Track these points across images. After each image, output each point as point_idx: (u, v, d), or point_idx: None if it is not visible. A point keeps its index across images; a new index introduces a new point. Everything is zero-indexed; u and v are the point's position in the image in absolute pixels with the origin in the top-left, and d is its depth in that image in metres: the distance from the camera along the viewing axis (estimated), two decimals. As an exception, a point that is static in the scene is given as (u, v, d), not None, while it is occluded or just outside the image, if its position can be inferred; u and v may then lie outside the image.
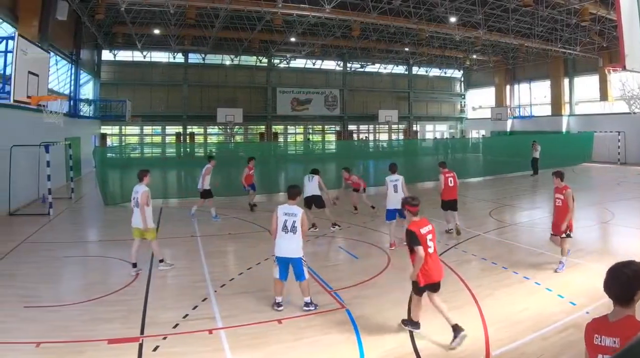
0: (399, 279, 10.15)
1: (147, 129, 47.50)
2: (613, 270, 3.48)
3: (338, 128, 54.13)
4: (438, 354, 6.83)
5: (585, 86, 44.19)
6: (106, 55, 43.25)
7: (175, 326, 7.80)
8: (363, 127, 55.73)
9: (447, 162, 15.88)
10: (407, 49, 46.32)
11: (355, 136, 54.18)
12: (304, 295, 8.51)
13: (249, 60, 49.26)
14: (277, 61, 49.73)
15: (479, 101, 57.33)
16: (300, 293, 8.54)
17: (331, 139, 53.63)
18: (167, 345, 7.15)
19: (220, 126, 48.21)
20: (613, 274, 3.46)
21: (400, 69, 56.47)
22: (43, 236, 14.79)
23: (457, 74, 59.61)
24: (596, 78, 41.64)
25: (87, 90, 37.66)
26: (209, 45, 41.06)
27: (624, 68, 12.24)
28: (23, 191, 19.23)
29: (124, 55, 44.62)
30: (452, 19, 33.90)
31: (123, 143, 44.85)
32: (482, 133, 53.71)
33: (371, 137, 55.31)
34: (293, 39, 40.68)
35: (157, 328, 7.73)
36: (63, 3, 24.69)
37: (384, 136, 56.31)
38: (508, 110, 50.47)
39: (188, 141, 46.36)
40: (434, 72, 57.91)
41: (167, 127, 47.60)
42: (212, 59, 48.12)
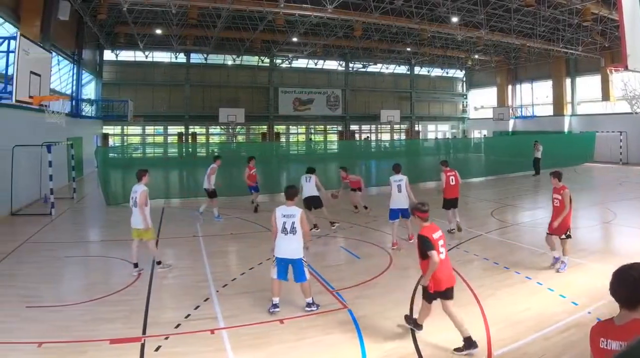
0: (401, 279, 10.17)
1: (149, 129, 47.50)
2: (619, 272, 3.37)
3: (340, 128, 54.08)
4: (440, 354, 6.83)
5: (587, 86, 44.13)
6: (108, 55, 43.25)
7: (177, 326, 7.80)
8: (365, 127, 55.67)
9: (449, 162, 15.87)
10: (409, 49, 46.27)
11: (357, 136, 54.13)
12: (306, 296, 8.48)
13: (251, 60, 49.23)
14: (279, 61, 49.68)
15: (481, 101, 57.27)
16: (301, 293, 8.53)
17: (333, 139, 53.58)
18: (169, 345, 7.15)
19: (222, 126, 48.18)
20: (619, 277, 3.35)
21: (402, 69, 56.42)
22: (45, 236, 14.81)
23: (459, 74, 59.57)
24: (598, 78, 41.62)
25: (89, 90, 37.70)
26: (211, 45, 41.05)
27: (626, 68, 12.25)
28: (25, 191, 19.26)
29: (126, 55, 44.62)
30: (454, 19, 33.87)
31: (125, 143, 44.90)
32: (484, 133, 53.68)
33: (373, 137, 55.26)
34: (295, 39, 40.65)
35: (159, 328, 7.73)
36: (65, 3, 24.70)
37: (386, 136, 56.25)
38: (510, 110, 50.40)
39: (190, 141, 46.33)
40: (436, 72, 57.82)
41: (169, 127, 47.56)
42: (214, 59, 48.12)
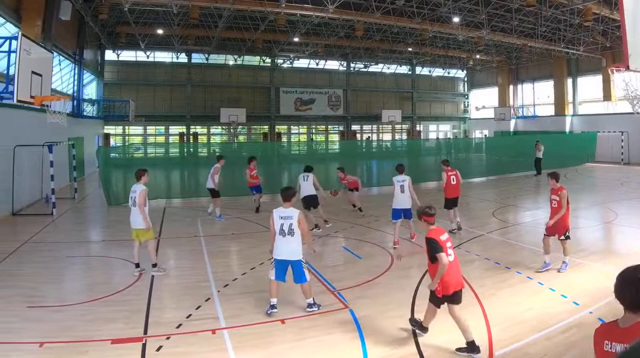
0: (403, 279, 10.16)
1: (151, 129, 47.55)
2: (624, 274, 3.28)
3: (341, 128, 54.13)
4: (441, 354, 6.81)
5: (588, 86, 44.16)
6: (109, 55, 43.32)
7: (178, 326, 7.80)
8: (366, 127, 55.74)
9: (451, 162, 15.90)
10: (411, 49, 46.25)
11: (358, 136, 54.15)
12: (307, 297, 8.45)
13: (253, 60, 49.32)
14: (281, 61, 49.73)
15: (482, 101, 57.21)
16: (300, 291, 8.51)
17: (334, 139, 53.66)
18: (171, 345, 7.15)
19: (223, 126, 48.24)
20: (624, 279, 3.26)
21: (403, 69, 56.46)
22: (46, 236, 14.82)
23: (461, 74, 59.59)
24: (599, 78, 41.62)
25: (91, 90, 37.75)
26: (213, 45, 41.10)
27: (627, 68, 12.26)
28: (26, 191, 19.27)
29: (127, 55, 44.68)
30: (456, 19, 33.90)
31: (126, 143, 44.92)
32: (486, 133, 53.65)
33: (374, 137, 55.27)
34: (296, 39, 40.67)
35: (161, 328, 7.74)
36: (66, 3, 24.73)
37: (387, 136, 56.28)
38: (511, 110, 50.46)
39: (191, 141, 46.36)
40: (437, 72, 57.80)
41: (171, 127, 47.65)
42: (216, 59, 48.16)
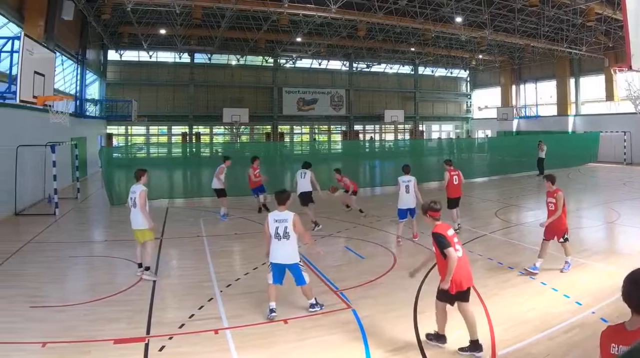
0: (405, 279, 10.14)
1: (153, 129, 47.59)
2: (632, 277, 3.27)
3: (344, 128, 54.10)
4: (444, 354, 6.81)
5: (591, 86, 44.10)
6: (112, 55, 43.36)
7: (181, 326, 7.81)
8: (369, 127, 55.70)
9: (453, 162, 15.91)
10: (413, 49, 46.24)
11: (361, 136, 54.13)
12: (308, 298, 8.42)
13: (255, 60, 49.34)
14: (283, 61, 49.74)
15: (485, 101, 57.17)
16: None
17: (337, 139, 53.61)
18: (173, 345, 7.16)
19: (226, 126, 48.28)
20: (632, 281, 3.25)
21: (406, 69, 56.43)
22: (49, 236, 14.83)
23: (463, 74, 59.51)
24: (602, 78, 41.59)
25: (93, 90, 37.76)
26: (215, 45, 41.15)
27: (630, 68, 12.23)
28: (29, 191, 19.27)
29: (130, 55, 44.72)
30: (458, 19, 33.86)
31: (129, 143, 44.94)
32: (488, 133, 53.60)
33: (377, 137, 55.24)
34: (299, 39, 40.70)
35: (163, 328, 7.74)
36: (69, 3, 24.76)
37: (390, 136, 56.20)
38: (514, 110, 50.42)
39: (194, 141, 46.38)
40: (440, 72, 57.78)
41: (173, 127, 47.72)
42: (218, 59, 48.18)
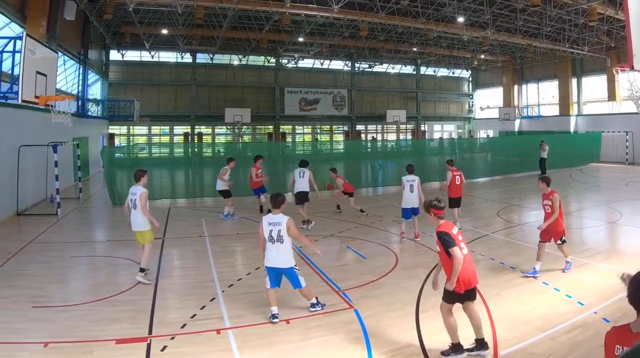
0: (408, 279, 10.16)
1: (155, 129, 47.56)
2: (638, 278, 3.25)
3: (346, 128, 54.06)
4: (446, 355, 6.80)
5: (593, 86, 44.02)
6: (114, 55, 43.38)
7: (183, 326, 7.83)
8: (371, 127, 55.63)
9: (455, 162, 15.97)
10: (415, 49, 46.22)
11: (363, 136, 54.08)
12: (308, 299, 8.40)
13: (257, 60, 49.32)
14: (285, 61, 49.72)
15: (487, 101, 57.12)
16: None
17: (339, 139, 53.60)
18: (175, 345, 7.17)
19: (228, 126, 48.26)
20: (639, 283, 3.23)
21: (408, 69, 56.38)
22: (51, 236, 14.86)
23: (465, 74, 59.44)
24: (604, 78, 41.49)
25: (95, 90, 37.82)
26: (217, 45, 41.14)
27: (632, 68, 12.21)
28: (31, 191, 19.29)
29: (132, 55, 44.71)
30: (460, 19, 33.83)
31: (131, 143, 44.93)
32: (490, 133, 53.55)
33: (379, 137, 55.18)
34: (301, 39, 40.66)
35: (165, 328, 7.75)
36: (71, 3, 24.80)
37: (392, 136, 56.19)
38: (516, 110, 50.34)
39: (196, 141, 46.42)
40: (442, 72, 57.73)
41: (175, 127, 47.68)
42: (220, 59, 48.16)
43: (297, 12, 31.36)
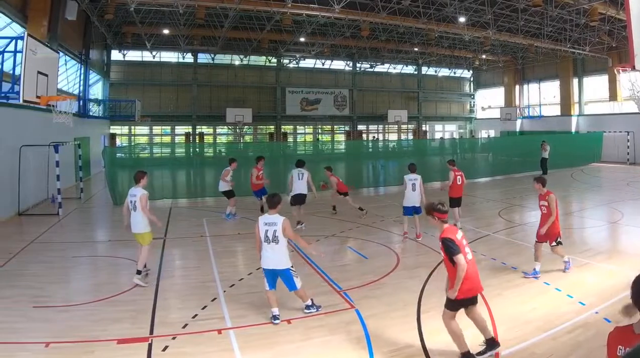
0: (409, 279, 10.15)
1: (157, 129, 47.60)
2: None
3: (347, 128, 54.06)
4: (447, 353, 6.79)
5: (594, 86, 44.03)
6: (115, 55, 43.40)
7: (184, 326, 7.82)
8: (372, 127, 55.64)
9: (457, 162, 16.00)
10: (417, 49, 46.17)
11: (364, 136, 54.07)
12: (303, 300, 8.34)
13: (259, 60, 49.34)
14: (287, 61, 49.74)
15: (489, 101, 57.04)
16: (306, 291, 8.46)
17: (340, 139, 53.58)
18: (177, 345, 7.17)
19: (229, 126, 48.27)
20: None
21: (409, 69, 56.36)
22: (52, 236, 14.86)
23: (467, 74, 59.43)
24: (605, 78, 41.49)
25: (97, 90, 37.85)
26: (218, 45, 41.11)
27: (634, 68, 12.18)
28: (32, 191, 19.31)
29: (133, 55, 44.74)
30: (462, 19, 33.82)
31: (132, 143, 44.98)
32: (492, 133, 53.51)
33: (380, 137, 55.19)
34: (302, 39, 40.69)
35: (167, 328, 7.75)
36: (72, 3, 24.81)
37: (393, 136, 56.15)
38: (517, 110, 50.32)
39: (197, 141, 46.42)
40: (443, 72, 57.69)
41: (177, 127, 47.69)
42: (222, 59, 48.19)
43: (299, 12, 31.37)
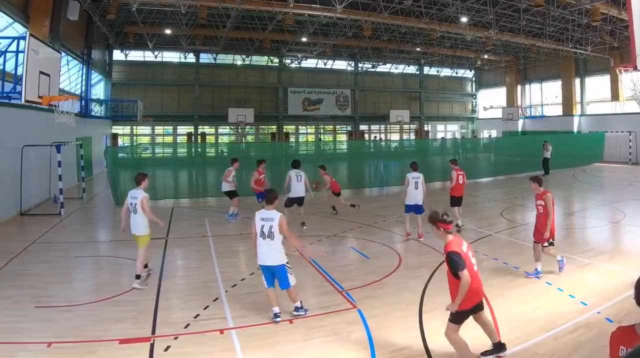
0: (411, 279, 10.15)
1: (159, 129, 47.62)
2: None
3: (349, 128, 54.06)
4: (449, 353, 6.77)
5: (596, 86, 43.99)
6: (117, 55, 43.41)
7: (186, 326, 7.83)
8: (374, 127, 55.62)
9: (458, 162, 15.99)
10: (419, 49, 46.09)
11: (366, 136, 54.07)
12: (293, 301, 8.25)
13: (261, 60, 49.34)
14: (289, 61, 49.71)
15: (490, 101, 56.97)
16: (308, 291, 8.46)
17: (342, 139, 53.57)
18: (179, 345, 7.18)
19: (231, 126, 48.28)
20: None
21: (411, 69, 56.29)
22: (54, 236, 14.89)
23: (469, 74, 59.36)
24: (607, 78, 41.43)
25: (99, 90, 37.90)
26: (220, 45, 41.10)
27: (635, 68, 12.22)
28: (34, 191, 19.34)
29: (135, 55, 44.75)
30: (464, 19, 33.79)
31: (134, 143, 45.01)
32: (494, 133, 53.47)
33: (382, 137, 55.17)
34: (304, 39, 40.68)
35: (168, 328, 7.76)
36: (74, 3, 24.83)
37: (395, 136, 56.09)
38: (519, 110, 50.27)
39: (199, 141, 46.41)
40: (445, 72, 57.58)
41: (179, 127, 47.70)
42: (224, 59, 48.18)
43: (301, 12, 31.37)
